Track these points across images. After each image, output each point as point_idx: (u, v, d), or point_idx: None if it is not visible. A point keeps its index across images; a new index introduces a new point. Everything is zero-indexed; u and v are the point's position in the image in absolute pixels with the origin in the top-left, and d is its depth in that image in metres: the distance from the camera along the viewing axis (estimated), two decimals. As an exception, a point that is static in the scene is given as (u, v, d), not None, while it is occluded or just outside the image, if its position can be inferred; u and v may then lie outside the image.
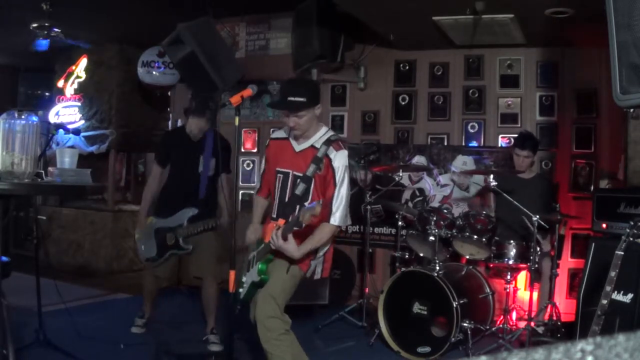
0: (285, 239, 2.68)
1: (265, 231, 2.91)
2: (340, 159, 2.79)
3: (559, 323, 4.05)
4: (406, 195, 5.46)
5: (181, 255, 4.12)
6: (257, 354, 3.86)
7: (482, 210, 4.50)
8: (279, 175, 2.91)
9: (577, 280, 4.54)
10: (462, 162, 5.28)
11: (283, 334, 2.78)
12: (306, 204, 2.78)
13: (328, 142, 2.80)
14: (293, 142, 2.91)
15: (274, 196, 2.95)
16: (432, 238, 4.14)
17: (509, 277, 4.13)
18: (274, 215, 2.92)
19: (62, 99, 7.45)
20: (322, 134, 2.88)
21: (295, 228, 2.65)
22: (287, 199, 2.85)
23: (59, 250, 6.94)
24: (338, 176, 2.77)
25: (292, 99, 2.75)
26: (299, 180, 2.80)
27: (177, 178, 4.10)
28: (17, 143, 2.39)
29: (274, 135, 3.07)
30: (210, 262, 4.05)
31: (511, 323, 4.18)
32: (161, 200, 4.14)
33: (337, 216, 2.78)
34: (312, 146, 2.85)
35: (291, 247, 2.70)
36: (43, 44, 5.47)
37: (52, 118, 7.33)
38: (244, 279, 2.90)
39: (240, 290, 2.88)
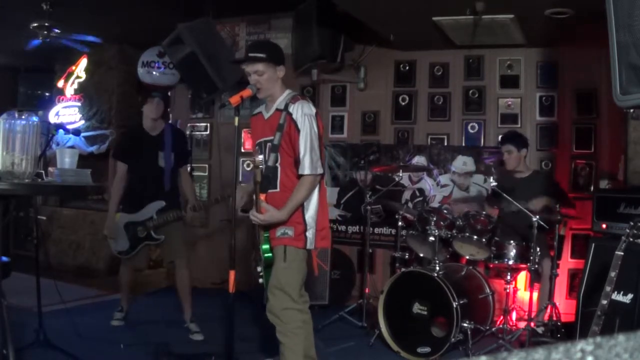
0: (260, 212, 2.72)
1: None
2: (298, 109, 2.77)
3: (558, 323, 4.05)
4: (406, 195, 5.47)
5: (153, 245, 4.35)
6: (257, 354, 3.87)
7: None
8: (256, 148, 2.94)
9: (577, 280, 4.54)
10: (462, 163, 5.29)
11: (300, 326, 2.78)
12: (278, 168, 2.80)
13: (287, 104, 2.82)
14: (264, 112, 2.96)
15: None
16: (432, 238, 4.14)
17: (508, 277, 4.13)
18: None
19: (62, 99, 7.45)
20: (285, 96, 2.89)
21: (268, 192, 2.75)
22: (263, 171, 2.85)
23: (59, 250, 6.94)
24: (299, 124, 2.76)
25: (252, 54, 2.85)
26: (269, 146, 2.81)
27: (139, 174, 4.26)
28: (18, 143, 2.39)
29: (253, 113, 3.10)
30: (180, 246, 4.29)
31: (511, 323, 4.19)
32: (127, 197, 4.30)
33: (305, 165, 2.74)
34: (277, 109, 2.87)
35: (270, 215, 2.72)
36: (34, 42, 5.50)
37: (52, 118, 7.33)
38: (259, 269, 2.89)
39: (261, 281, 2.88)
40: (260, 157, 2.74)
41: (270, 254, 2.81)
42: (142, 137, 4.27)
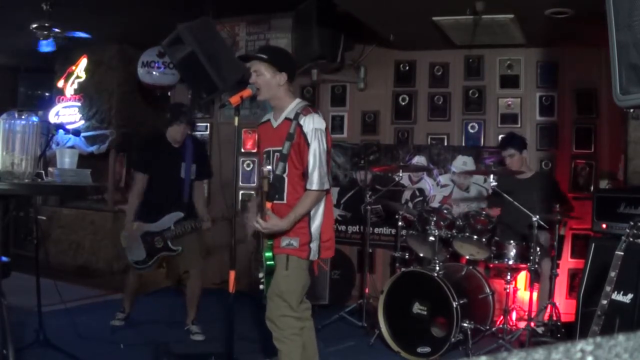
0: (265, 219, 2.71)
1: None
2: (309, 123, 2.75)
3: (558, 323, 4.05)
4: (406, 195, 5.47)
5: (170, 256, 4.33)
6: (257, 354, 3.87)
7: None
8: (264, 156, 2.93)
9: (577, 280, 4.54)
10: (462, 162, 5.28)
11: (295, 333, 2.78)
12: (285, 180, 2.79)
13: (297, 114, 2.80)
14: (272, 120, 2.94)
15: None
16: (432, 238, 4.14)
17: (509, 277, 4.13)
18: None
19: (62, 99, 7.45)
20: (294, 105, 2.88)
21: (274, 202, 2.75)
22: (270, 179, 2.84)
23: (59, 250, 6.94)
24: (309, 138, 2.74)
25: (256, 54, 2.94)
26: (277, 155, 2.80)
27: (160, 184, 4.26)
28: (17, 143, 2.39)
29: (261, 120, 3.09)
30: (196, 257, 4.35)
31: (511, 323, 4.18)
32: (145, 206, 4.27)
33: (314, 180, 2.73)
34: (286, 118, 2.85)
35: (273, 223, 2.71)
36: (45, 43, 5.46)
37: (52, 118, 7.33)
38: (261, 275, 2.90)
39: (262, 287, 2.89)
40: (268, 167, 2.74)
41: (272, 262, 2.82)
42: (164, 148, 4.26)
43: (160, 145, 4.28)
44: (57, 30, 5.40)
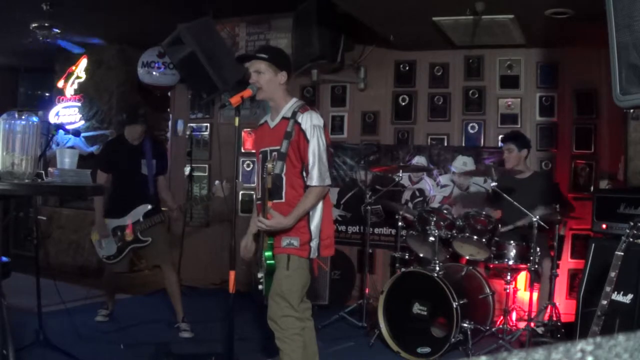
0: (267, 218, 2.71)
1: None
2: (307, 120, 2.77)
3: (558, 323, 4.05)
4: (406, 195, 5.47)
5: (140, 248, 4.45)
6: (257, 354, 3.87)
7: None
8: (260, 156, 2.94)
9: (577, 280, 4.54)
10: (462, 163, 5.29)
11: (297, 333, 2.79)
12: (284, 179, 2.79)
13: (295, 112, 2.81)
14: (269, 121, 2.96)
15: (257, 177, 2.96)
16: (432, 238, 4.14)
17: (508, 277, 4.13)
18: (258, 196, 2.92)
19: (62, 100, 7.44)
20: (291, 104, 2.89)
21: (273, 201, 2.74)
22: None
23: (59, 250, 6.93)
24: (309, 135, 2.75)
25: (256, 53, 2.94)
26: (274, 155, 2.81)
27: (123, 180, 4.44)
28: (17, 143, 2.38)
29: (259, 123, 3.10)
30: (164, 251, 4.44)
31: (511, 323, 4.18)
32: (112, 202, 4.43)
33: (314, 176, 2.75)
34: (284, 117, 2.86)
35: (276, 221, 2.71)
36: (68, 45, 5.59)
37: (52, 118, 7.32)
38: (259, 275, 2.89)
39: (260, 287, 2.89)
40: (272, 164, 2.74)
41: (272, 261, 2.82)
42: (124, 147, 4.45)
43: (120, 145, 4.49)
44: (57, 30, 5.39)
